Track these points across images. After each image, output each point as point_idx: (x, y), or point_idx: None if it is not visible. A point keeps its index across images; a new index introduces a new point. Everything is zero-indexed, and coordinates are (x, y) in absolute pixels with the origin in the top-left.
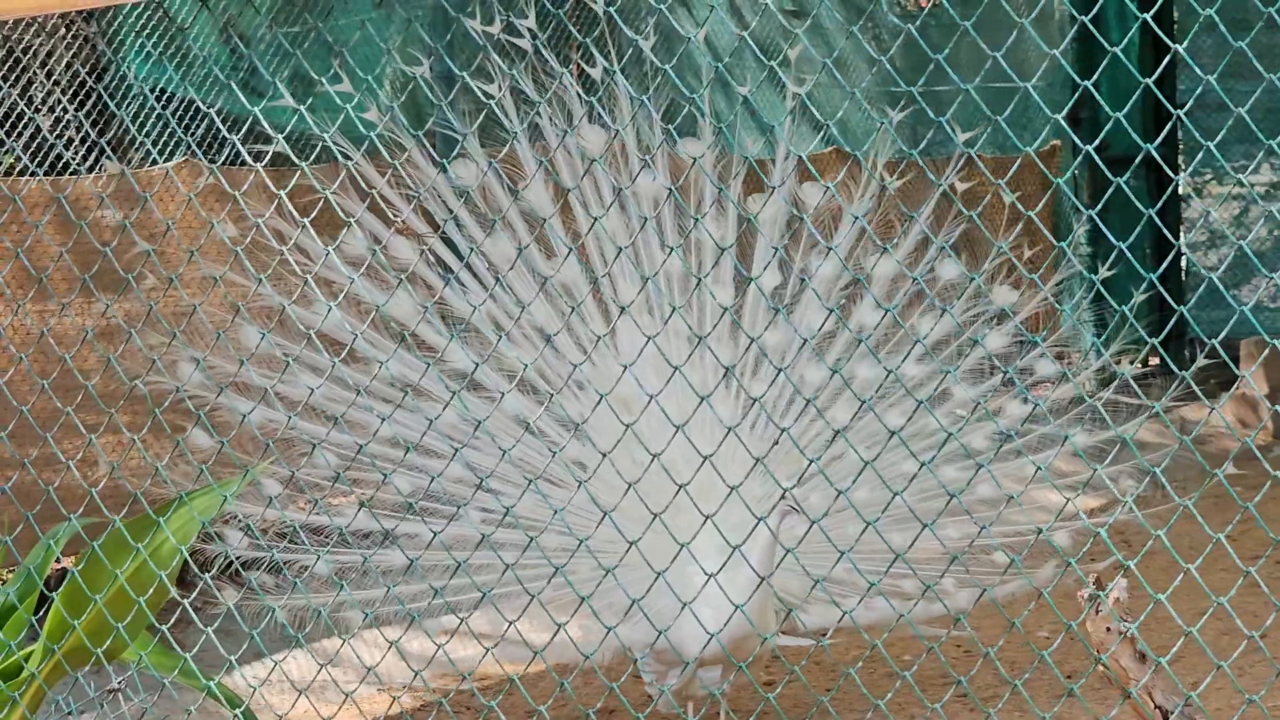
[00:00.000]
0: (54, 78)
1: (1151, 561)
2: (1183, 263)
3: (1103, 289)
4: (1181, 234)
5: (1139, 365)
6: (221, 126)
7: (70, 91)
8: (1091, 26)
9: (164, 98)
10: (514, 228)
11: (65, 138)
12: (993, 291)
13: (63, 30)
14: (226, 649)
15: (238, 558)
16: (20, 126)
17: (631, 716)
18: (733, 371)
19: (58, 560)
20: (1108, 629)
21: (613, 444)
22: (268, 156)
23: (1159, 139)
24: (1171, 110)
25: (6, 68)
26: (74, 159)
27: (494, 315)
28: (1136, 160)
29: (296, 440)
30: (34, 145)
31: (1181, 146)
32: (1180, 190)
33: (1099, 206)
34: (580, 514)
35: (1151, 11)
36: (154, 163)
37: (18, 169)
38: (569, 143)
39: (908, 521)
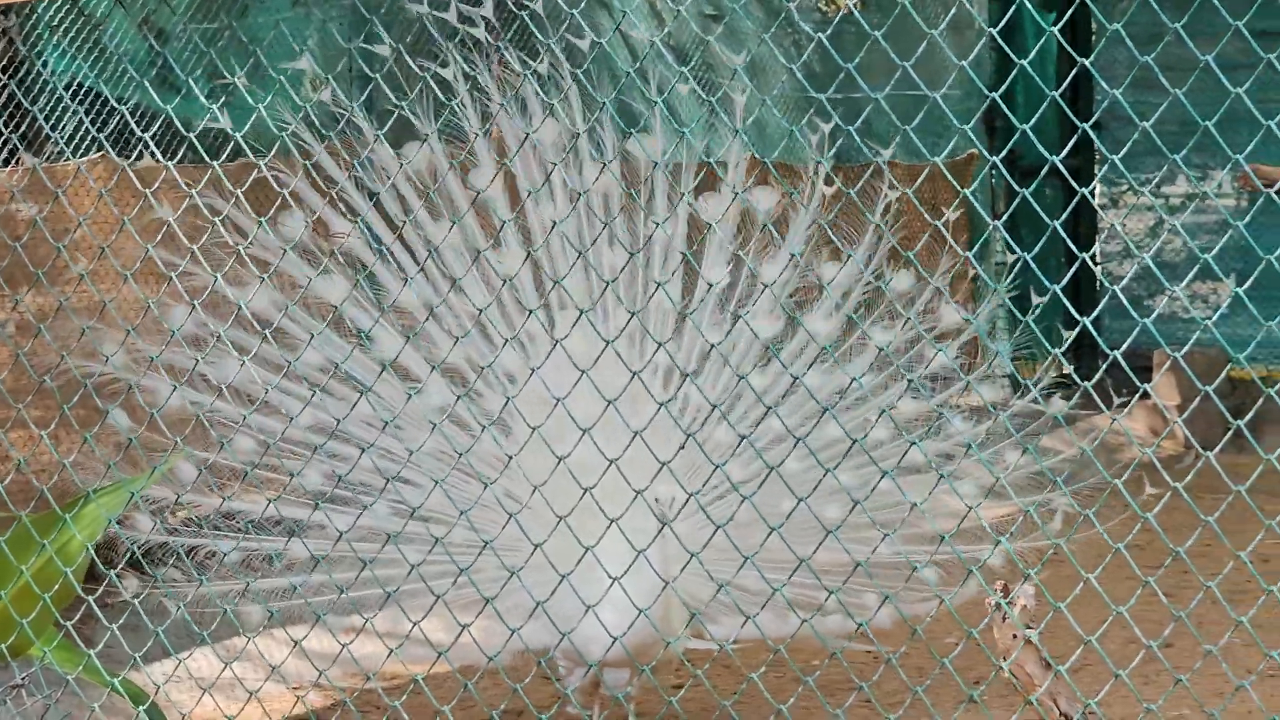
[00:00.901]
0: None
1: (1062, 570)
2: (1097, 274)
3: (1009, 303)
4: (1097, 245)
5: (1045, 374)
6: (134, 123)
7: None
8: (1001, 40)
9: (80, 92)
10: (460, 213)
11: None
12: (939, 309)
13: None
14: (132, 645)
15: (145, 544)
16: None
17: (536, 717)
18: (635, 377)
19: None
20: (1013, 636)
21: (534, 443)
22: (180, 152)
23: (1064, 150)
24: (1077, 123)
25: None
26: None
27: (430, 304)
28: (1043, 170)
29: (217, 424)
30: None
31: (1099, 158)
32: (1096, 202)
33: (1005, 217)
34: (495, 511)
35: (1059, 24)
36: (68, 158)
37: None
38: (520, 132)
39: (838, 533)
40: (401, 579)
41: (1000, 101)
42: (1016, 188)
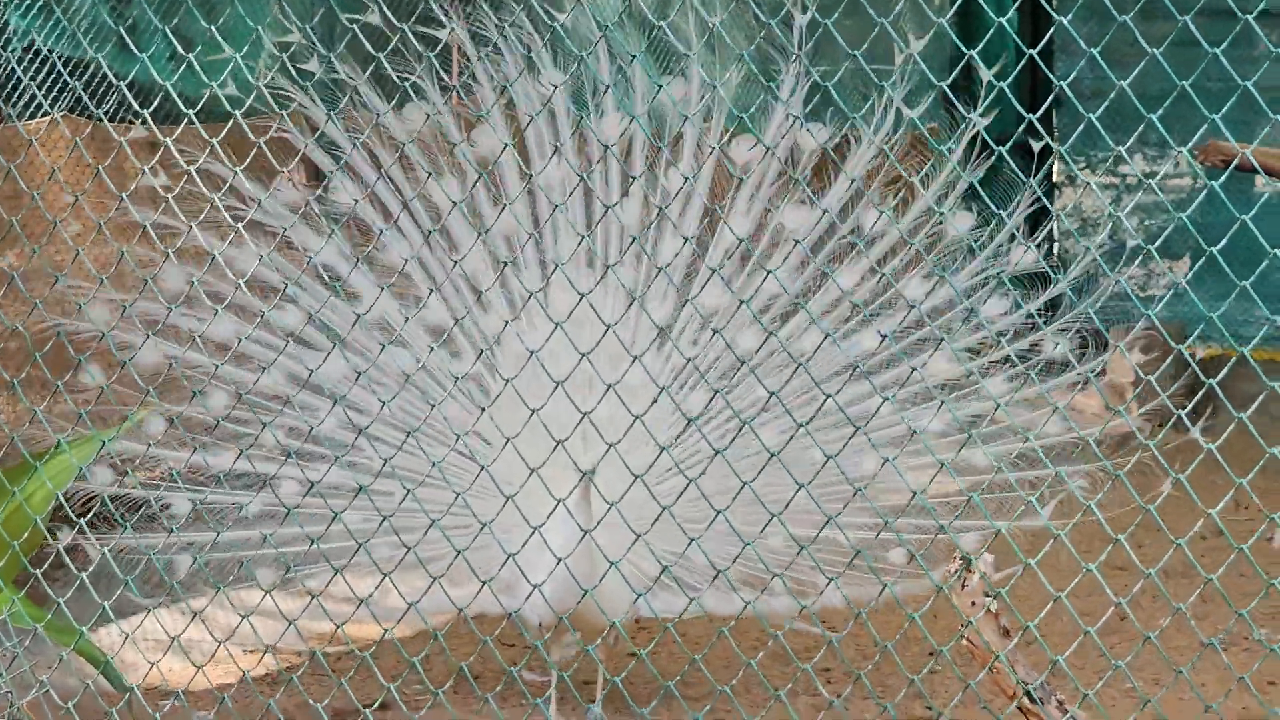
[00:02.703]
0: None
1: (1024, 544)
2: (1055, 250)
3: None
4: (1055, 221)
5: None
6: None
7: None
8: (960, 14)
9: (42, 53)
10: (461, 171)
11: None
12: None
13: None
14: (86, 608)
15: (104, 496)
16: None
17: (493, 679)
18: (585, 359)
19: None
20: (972, 604)
21: (507, 405)
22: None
23: (1022, 126)
24: (1022, 112)
25: None
26: None
27: (427, 264)
28: (1009, 143)
29: (194, 378)
30: None
31: (1058, 135)
32: (1055, 178)
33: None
34: (464, 473)
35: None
36: (32, 116)
37: None
38: (526, 89)
39: (799, 514)
40: (354, 540)
41: (976, 59)
42: (961, 170)
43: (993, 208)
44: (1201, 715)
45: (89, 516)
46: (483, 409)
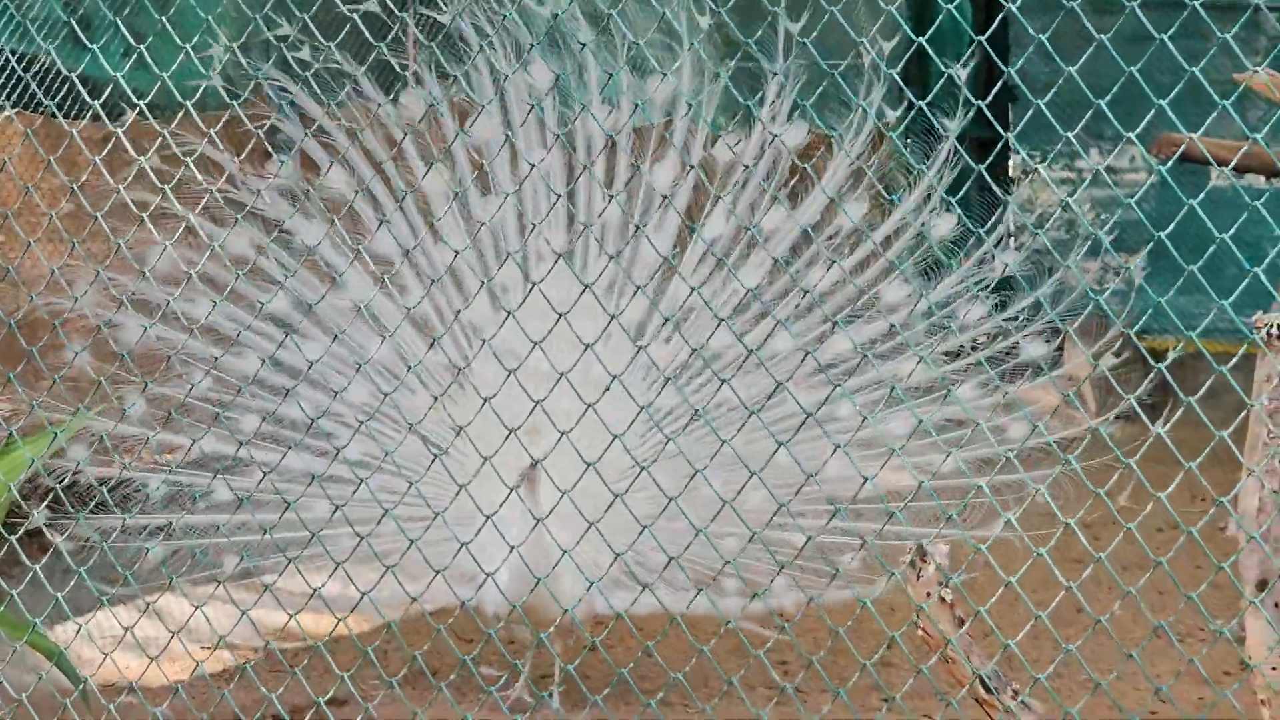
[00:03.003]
0: None
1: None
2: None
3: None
4: (1009, 216)
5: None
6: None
7: None
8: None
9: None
10: (450, 159)
11: None
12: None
13: None
14: (40, 602)
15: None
16: None
17: (449, 673)
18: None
19: None
20: (928, 594)
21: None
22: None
23: (970, 113)
24: (972, 100)
25: None
26: None
27: (412, 255)
28: (957, 137)
29: (184, 361)
30: None
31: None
32: (1011, 172)
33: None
34: (420, 467)
35: None
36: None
37: None
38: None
39: (760, 514)
40: (308, 530)
41: (928, 45)
42: (905, 164)
43: (947, 198)
44: (1156, 703)
45: (47, 501)
46: (435, 398)
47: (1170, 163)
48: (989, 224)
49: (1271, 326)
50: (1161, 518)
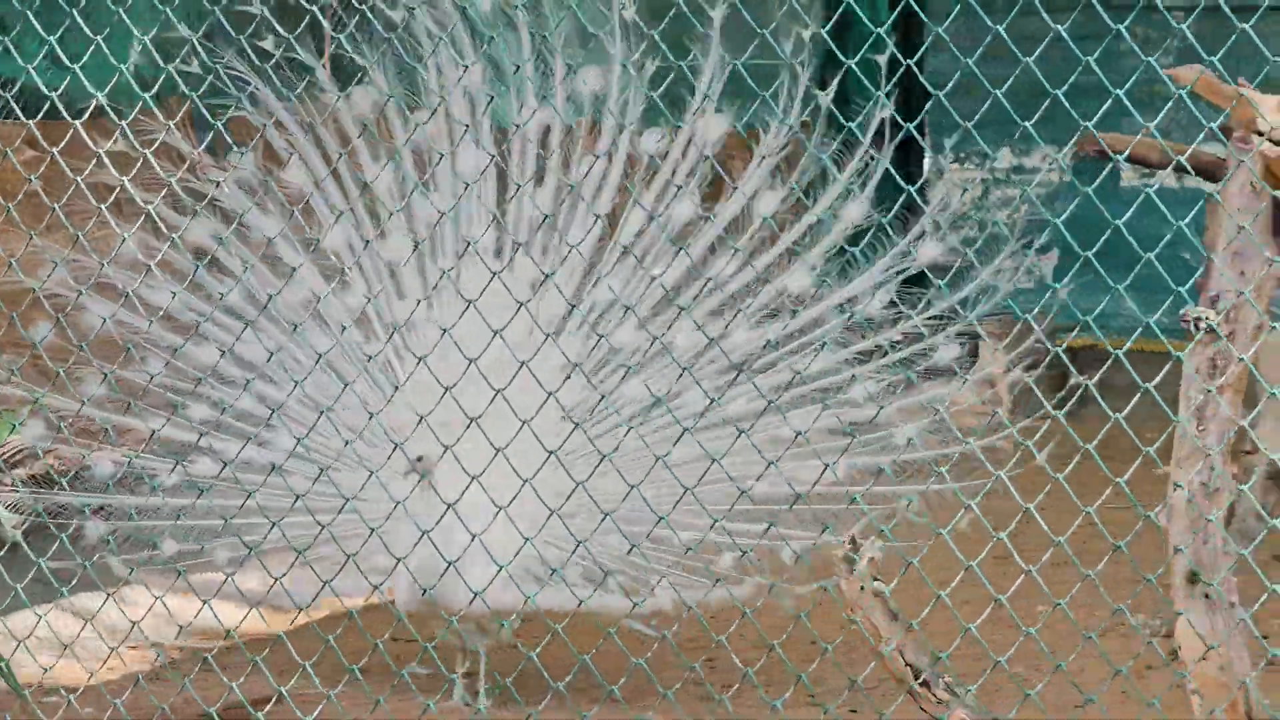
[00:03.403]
0: None
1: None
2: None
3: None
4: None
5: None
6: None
7: None
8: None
9: None
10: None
11: None
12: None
13: None
14: None
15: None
16: None
17: (381, 673)
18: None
19: None
20: (861, 588)
21: (427, 388)
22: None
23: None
24: (883, 100)
25: None
26: None
27: (355, 249)
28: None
29: (142, 347)
30: None
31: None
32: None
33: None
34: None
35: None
36: None
37: None
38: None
39: (685, 514)
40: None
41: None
42: (826, 164)
43: (853, 187)
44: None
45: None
46: (345, 384)
47: (1119, 159)
48: (905, 221)
49: (1201, 319)
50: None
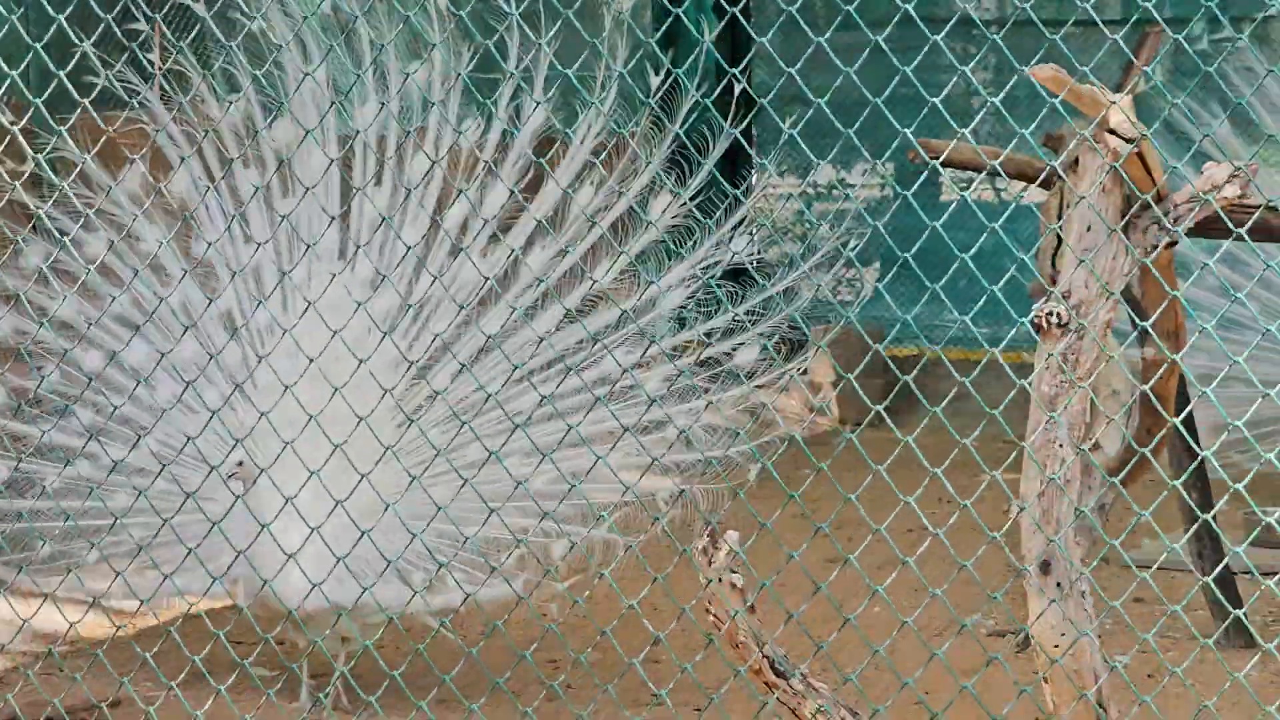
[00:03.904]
0: None
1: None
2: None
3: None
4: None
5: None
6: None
7: None
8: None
9: None
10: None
11: None
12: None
13: None
14: None
15: None
16: None
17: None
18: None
19: None
20: (719, 579)
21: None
22: None
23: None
24: (713, 111)
25: None
26: None
27: (227, 255)
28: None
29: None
30: None
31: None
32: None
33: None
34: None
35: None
36: None
37: None
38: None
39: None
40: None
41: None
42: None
43: (672, 188)
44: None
45: None
46: (187, 383)
47: (929, 170)
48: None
49: (1050, 315)
50: (910, 519)
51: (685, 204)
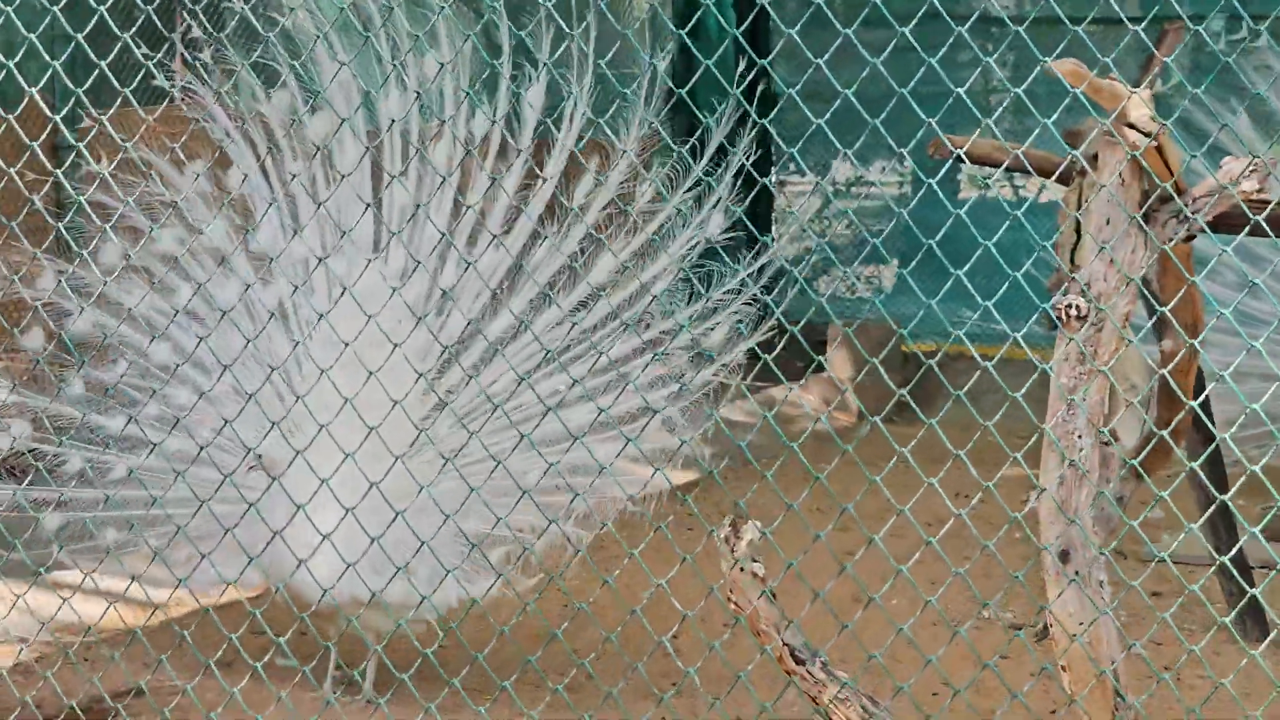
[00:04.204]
0: None
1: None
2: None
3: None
4: (774, 228)
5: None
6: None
7: None
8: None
9: None
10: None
11: None
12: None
13: None
14: None
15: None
16: None
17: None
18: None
19: None
20: (740, 569)
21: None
22: None
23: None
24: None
25: None
26: None
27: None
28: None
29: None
30: None
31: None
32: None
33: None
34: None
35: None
36: None
37: None
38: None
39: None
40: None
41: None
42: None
43: (652, 179)
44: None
45: None
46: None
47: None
48: (753, 220)
49: (1070, 307)
50: (929, 513)
51: (723, 201)
